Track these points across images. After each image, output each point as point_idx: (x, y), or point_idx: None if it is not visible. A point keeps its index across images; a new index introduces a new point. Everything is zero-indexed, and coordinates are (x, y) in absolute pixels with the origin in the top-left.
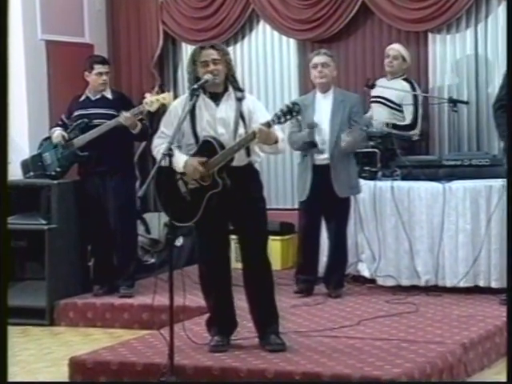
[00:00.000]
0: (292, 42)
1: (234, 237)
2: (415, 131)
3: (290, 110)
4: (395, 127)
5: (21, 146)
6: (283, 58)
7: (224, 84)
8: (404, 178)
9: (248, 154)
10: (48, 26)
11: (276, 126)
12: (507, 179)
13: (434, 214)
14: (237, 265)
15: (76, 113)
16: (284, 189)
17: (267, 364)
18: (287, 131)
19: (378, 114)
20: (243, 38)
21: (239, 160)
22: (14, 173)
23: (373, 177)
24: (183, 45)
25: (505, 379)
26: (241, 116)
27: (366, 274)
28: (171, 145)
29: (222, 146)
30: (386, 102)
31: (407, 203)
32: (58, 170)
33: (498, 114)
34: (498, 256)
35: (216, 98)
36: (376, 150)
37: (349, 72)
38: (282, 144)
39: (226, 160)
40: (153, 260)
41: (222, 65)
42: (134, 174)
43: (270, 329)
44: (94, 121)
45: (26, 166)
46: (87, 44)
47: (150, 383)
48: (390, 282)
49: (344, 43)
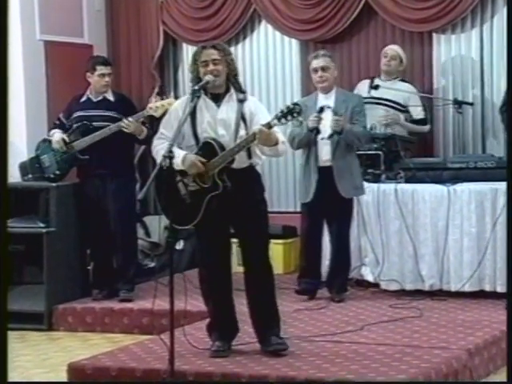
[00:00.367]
0: (294, 42)
1: (235, 240)
2: (428, 126)
3: (291, 110)
4: (411, 122)
5: (19, 147)
6: (285, 58)
7: (225, 85)
8: (408, 181)
9: (249, 156)
10: (47, 26)
11: (277, 128)
12: (507, 181)
13: (438, 218)
14: (238, 269)
15: (76, 114)
16: (286, 191)
17: (269, 369)
18: (288, 132)
19: (375, 114)
20: (245, 38)
21: (240, 162)
22: (12, 175)
23: (376, 179)
24: (184, 45)
25: None
26: (242, 117)
27: (370, 278)
28: (172, 146)
29: (222, 148)
30: (390, 103)
31: (411, 206)
32: (58, 172)
33: (504, 117)
34: (504, 260)
35: (217, 99)
36: (379, 152)
37: (352, 73)
38: (283, 146)
39: (226, 162)
40: (153, 264)
41: (222, 65)
42: (134, 177)
43: (271, 331)
44: (95, 123)
45: (24, 168)
46: (86, 44)
47: None
48: (394, 287)
49: (347, 44)
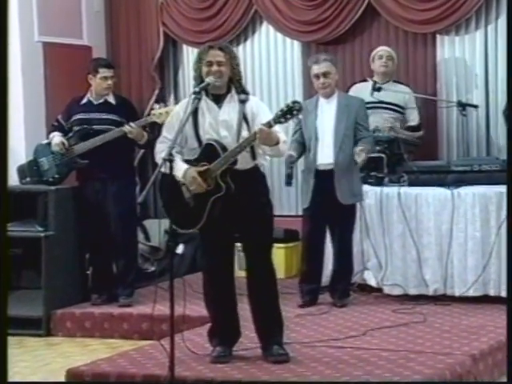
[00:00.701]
0: (296, 44)
1: (238, 245)
2: (421, 133)
3: (291, 108)
4: (406, 129)
5: (17, 150)
6: (287, 60)
7: (227, 86)
8: (411, 184)
9: (253, 157)
10: (45, 27)
11: (278, 128)
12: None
13: (442, 221)
14: (240, 273)
15: (76, 116)
16: (288, 195)
17: (270, 375)
18: (290, 135)
19: (380, 118)
20: (246, 39)
21: (244, 163)
22: (10, 178)
23: (379, 183)
24: (184, 47)
25: None
26: (244, 118)
27: (373, 282)
28: (172, 150)
29: (224, 149)
30: (391, 106)
31: (415, 210)
32: (57, 176)
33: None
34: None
35: (218, 100)
36: (382, 155)
37: (355, 75)
38: (284, 146)
39: (228, 163)
40: (153, 268)
41: (226, 67)
42: (134, 180)
43: (274, 339)
44: (95, 126)
45: (22, 171)
46: (85, 46)
47: None
48: (397, 291)
49: (349, 45)
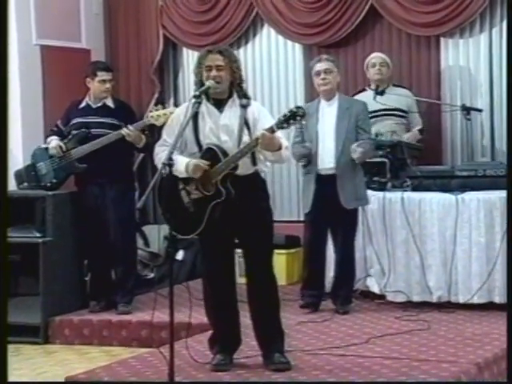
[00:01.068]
0: (298, 46)
1: (238, 251)
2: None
3: (294, 114)
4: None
5: (14, 155)
6: (288, 63)
7: (228, 91)
8: (415, 189)
9: (254, 163)
10: (43, 30)
11: (280, 134)
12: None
13: (446, 227)
14: (241, 280)
15: (75, 120)
16: (289, 200)
17: None
18: (291, 140)
19: (385, 126)
20: (247, 42)
21: (245, 169)
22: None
23: (382, 188)
24: (184, 50)
25: None
26: (245, 123)
27: (375, 289)
28: (171, 154)
29: (225, 154)
30: (395, 112)
31: (418, 215)
32: (54, 181)
33: None
34: None
35: (219, 104)
36: (385, 160)
37: (357, 78)
38: (286, 151)
39: (229, 168)
40: (152, 274)
41: (226, 72)
42: (133, 185)
43: (275, 347)
44: (94, 130)
45: (19, 176)
46: (84, 49)
47: None
48: (401, 298)
49: (352, 48)
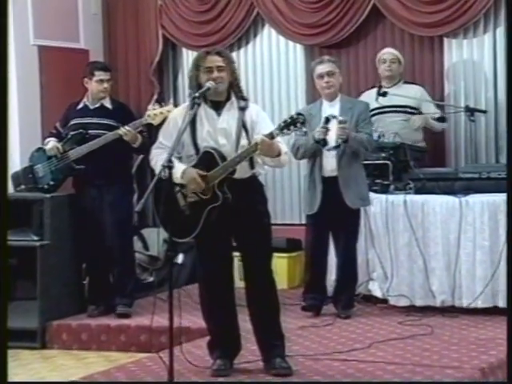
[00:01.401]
0: (299, 47)
1: (237, 254)
2: (445, 124)
3: (294, 120)
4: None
5: (12, 157)
6: (289, 64)
7: (227, 93)
8: (418, 192)
9: (251, 166)
10: (41, 30)
11: (279, 139)
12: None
13: (449, 230)
14: (240, 284)
15: (73, 121)
16: (290, 203)
17: None
18: (292, 141)
19: (390, 124)
20: (247, 43)
21: (242, 172)
22: None
23: (385, 190)
24: (184, 50)
25: None
26: (243, 126)
27: (378, 293)
28: (171, 156)
29: (223, 158)
30: (402, 109)
31: (421, 218)
32: (52, 183)
33: None
34: None
35: (217, 107)
36: (388, 162)
37: (359, 79)
38: (285, 157)
39: (226, 172)
40: (151, 278)
41: (226, 73)
42: (132, 187)
43: (275, 351)
44: (92, 131)
45: (16, 178)
46: (82, 50)
47: None
48: (403, 302)
49: (354, 49)
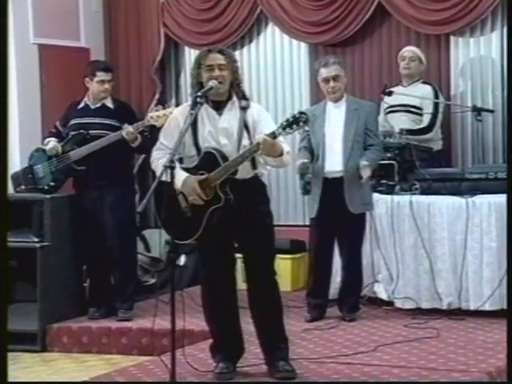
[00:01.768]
0: (303, 45)
1: (239, 255)
2: (430, 135)
3: (297, 119)
4: (410, 132)
5: (11, 157)
6: (293, 63)
7: (228, 92)
8: (424, 193)
9: (254, 167)
10: (41, 28)
11: (281, 138)
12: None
13: (456, 231)
14: (243, 285)
15: (73, 121)
16: (294, 204)
17: None
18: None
19: (398, 123)
20: (250, 41)
21: (244, 172)
22: None
23: (390, 191)
24: (186, 49)
25: None
26: (245, 126)
27: (383, 295)
28: (173, 157)
29: (224, 158)
30: (408, 108)
31: (427, 219)
32: (52, 184)
33: None
34: None
35: (219, 107)
36: (393, 162)
37: (364, 78)
38: (288, 156)
39: (228, 173)
40: (153, 280)
41: (228, 71)
42: (133, 188)
43: (279, 354)
44: (92, 131)
45: (16, 179)
46: (83, 48)
47: None
48: (409, 305)
49: (359, 47)
